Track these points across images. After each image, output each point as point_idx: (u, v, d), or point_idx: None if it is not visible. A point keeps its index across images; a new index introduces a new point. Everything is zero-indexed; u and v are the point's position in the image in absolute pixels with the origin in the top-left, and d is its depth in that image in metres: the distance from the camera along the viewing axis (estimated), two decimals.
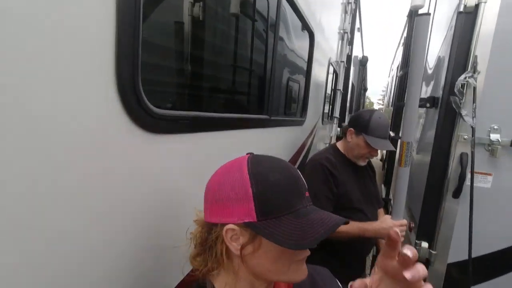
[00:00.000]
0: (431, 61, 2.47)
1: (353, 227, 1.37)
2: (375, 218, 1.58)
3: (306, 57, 2.17)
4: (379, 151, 1.61)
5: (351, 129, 1.55)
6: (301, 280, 0.58)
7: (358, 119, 1.55)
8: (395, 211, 1.38)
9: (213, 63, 1.02)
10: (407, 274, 0.43)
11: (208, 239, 0.58)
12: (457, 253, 1.70)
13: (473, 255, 1.58)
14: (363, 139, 1.50)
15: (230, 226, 0.54)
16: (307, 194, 0.58)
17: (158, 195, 0.71)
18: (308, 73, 2.21)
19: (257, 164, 0.57)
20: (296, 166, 2.18)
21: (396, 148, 2.40)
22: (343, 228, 1.34)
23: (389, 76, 10.78)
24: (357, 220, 1.40)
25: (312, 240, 0.50)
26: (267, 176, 0.55)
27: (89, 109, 0.50)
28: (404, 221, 1.37)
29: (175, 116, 0.72)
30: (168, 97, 0.79)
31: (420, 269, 0.45)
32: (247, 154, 0.61)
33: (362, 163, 1.59)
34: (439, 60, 2.17)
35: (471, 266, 1.50)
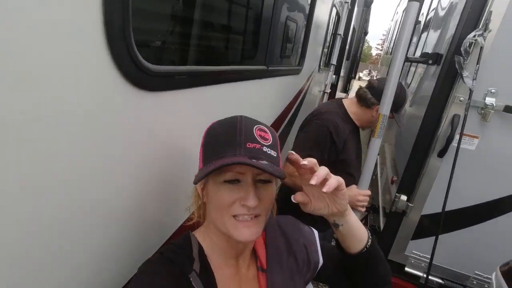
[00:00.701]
0: (442, 7, 2.31)
1: None
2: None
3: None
4: None
5: (377, 106, 1.48)
6: (243, 240, 0.60)
7: (396, 99, 1.45)
8: (362, 180, 1.43)
9: (209, 13, 0.92)
10: (312, 181, 0.54)
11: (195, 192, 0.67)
12: (431, 206, 1.84)
13: (446, 209, 1.71)
14: (390, 115, 1.48)
15: (197, 171, 0.62)
16: (250, 145, 0.57)
17: (158, 154, 0.70)
18: (309, 19, 2.04)
19: (219, 121, 0.64)
20: (292, 111, 2.14)
21: None
22: None
23: (392, 20, 10.17)
24: (347, 183, 1.46)
25: (221, 162, 0.55)
26: (213, 129, 0.62)
27: (77, 65, 0.45)
28: (368, 192, 1.44)
29: (171, 72, 0.66)
30: (162, 51, 0.72)
31: (321, 171, 0.55)
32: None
33: (367, 130, 1.60)
34: (451, 8, 2.03)
35: (443, 217, 1.63)
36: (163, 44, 0.74)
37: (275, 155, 0.60)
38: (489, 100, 1.57)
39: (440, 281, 1.92)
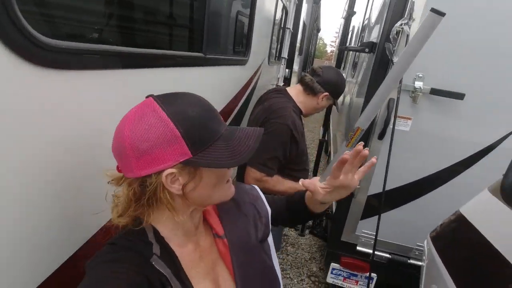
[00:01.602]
0: (377, 7, 2.47)
1: (292, 188, 1.48)
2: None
3: None
4: None
5: (327, 94, 1.59)
6: (232, 195, 0.69)
7: (339, 88, 1.63)
8: (324, 176, 1.48)
9: None
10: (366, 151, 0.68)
11: (145, 192, 0.58)
12: (375, 186, 1.95)
13: (388, 188, 1.83)
14: (332, 103, 1.63)
15: (168, 171, 0.55)
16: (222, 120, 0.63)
17: (62, 144, 0.64)
18: (252, 7, 2.05)
19: (170, 104, 0.56)
20: (240, 104, 2.13)
21: None
22: (281, 189, 1.45)
23: (342, 17, 10.70)
24: (302, 177, 1.54)
25: (246, 152, 0.59)
26: (187, 113, 0.56)
27: None
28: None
29: (77, 49, 0.61)
30: (61, 24, 0.66)
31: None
32: (146, 97, 0.59)
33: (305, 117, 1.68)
34: (384, 3, 2.17)
35: (384, 197, 1.74)
36: (65, 18, 0.68)
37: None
38: (418, 84, 1.70)
39: (388, 255, 2.05)
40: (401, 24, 1.61)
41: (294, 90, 1.67)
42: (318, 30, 10.12)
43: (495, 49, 1.58)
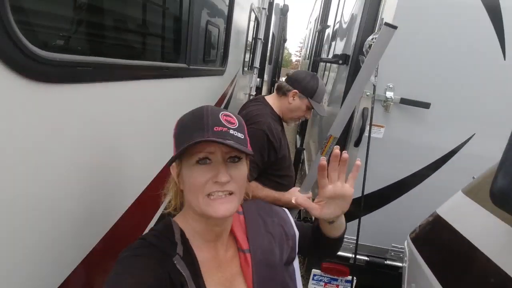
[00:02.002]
0: (346, 17, 2.61)
1: (269, 196, 1.48)
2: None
3: (226, 2, 2.00)
4: None
5: (296, 91, 1.57)
6: (218, 216, 0.63)
7: (307, 85, 1.59)
8: (305, 186, 1.52)
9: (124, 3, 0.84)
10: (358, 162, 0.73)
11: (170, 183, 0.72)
12: (354, 191, 2.02)
13: (366, 193, 1.91)
14: (307, 103, 1.57)
15: (173, 164, 0.67)
16: (217, 128, 0.62)
17: (56, 158, 0.59)
18: (229, 19, 2.07)
19: (187, 113, 0.68)
20: None
21: None
22: (259, 195, 1.45)
23: (307, 28, 11.10)
24: (287, 184, 1.53)
25: (180, 148, 0.60)
26: (182, 120, 0.67)
27: None
28: (310, 194, 1.54)
29: (70, 62, 0.57)
30: (56, 36, 0.62)
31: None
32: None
33: (291, 124, 1.67)
34: (353, 18, 2.31)
35: (363, 202, 1.81)
36: (64, 31, 0.63)
37: (243, 137, 0.65)
38: (389, 94, 1.82)
39: (366, 258, 2.13)
40: (372, 38, 1.72)
41: (271, 97, 1.70)
42: (285, 40, 10.40)
43: (457, 61, 1.73)
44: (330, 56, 3.08)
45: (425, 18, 1.71)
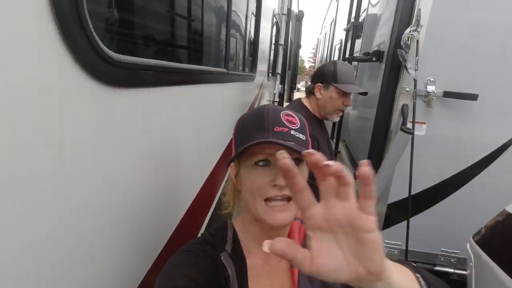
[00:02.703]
0: (370, 17, 2.54)
1: None
2: None
3: (254, 7, 2.00)
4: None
5: (319, 84, 1.51)
6: (275, 224, 0.58)
7: (323, 72, 1.51)
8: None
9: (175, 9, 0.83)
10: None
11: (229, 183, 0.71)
12: (395, 194, 1.92)
13: (407, 195, 1.80)
14: (334, 89, 1.48)
15: (232, 164, 0.65)
16: (277, 129, 0.59)
17: (125, 159, 0.57)
18: (256, 26, 2.05)
19: (247, 112, 0.67)
20: None
21: None
22: None
23: (320, 34, 11.05)
24: None
25: (240, 149, 0.58)
26: (242, 119, 0.66)
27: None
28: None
29: (136, 65, 0.55)
30: (125, 39, 0.61)
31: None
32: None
33: (336, 118, 1.59)
34: (378, 16, 2.24)
35: (411, 203, 1.70)
36: (128, 33, 0.62)
37: (304, 138, 0.61)
38: (430, 88, 1.72)
39: (413, 264, 1.99)
40: (410, 31, 1.65)
41: (305, 99, 1.67)
42: (299, 46, 10.41)
43: (504, 47, 1.62)
44: (355, 54, 3.00)
45: (466, 4, 1.62)
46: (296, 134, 0.60)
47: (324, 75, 1.50)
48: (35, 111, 0.36)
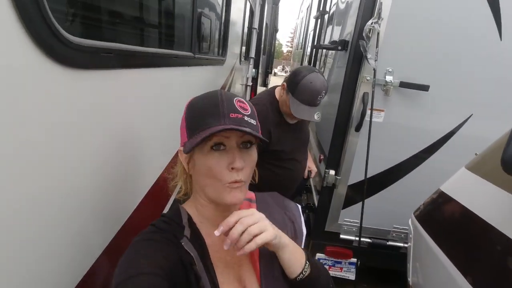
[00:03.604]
0: (342, 3, 2.61)
1: None
2: (305, 161, 1.77)
3: None
4: None
5: (284, 84, 1.50)
6: (232, 203, 0.65)
7: (293, 77, 1.46)
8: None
9: None
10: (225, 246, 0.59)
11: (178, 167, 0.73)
12: (354, 176, 2.07)
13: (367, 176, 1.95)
14: (289, 99, 1.44)
15: (180, 148, 0.67)
16: (232, 115, 0.62)
17: (89, 142, 0.61)
18: (227, 8, 2.06)
19: (198, 96, 0.67)
20: None
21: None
22: None
23: (298, 18, 11.00)
24: (290, 166, 1.52)
25: (202, 136, 0.59)
26: (195, 104, 0.66)
27: None
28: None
29: (96, 48, 0.58)
30: (83, 22, 0.63)
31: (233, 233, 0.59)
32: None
33: (290, 121, 1.58)
34: (348, 6, 2.32)
35: (366, 184, 1.85)
36: (85, 16, 0.64)
37: (255, 124, 0.66)
38: (388, 78, 1.84)
39: (368, 240, 2.19)
40: (371, 23, 1.74)
41: (278, 88, 1.69)
42: (276, 30, 10.33)
43: (454, 42, 1.76)
44: (326, 42, 3.09)
45: (422, 2, 1.73)
46: (249, 119, 0.64)
47: (291, 80, 1.46)
48: None
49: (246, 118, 0.63)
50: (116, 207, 0.79)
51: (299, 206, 0.89)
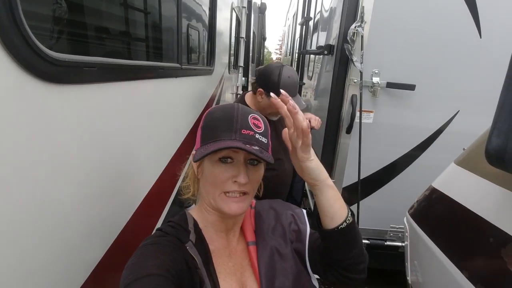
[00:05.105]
0: (326, 9, 2.66)
1: None
2: (290, 162, 1.72)
3: (209, 1, 2.01)
4: None
5: (260, 90, 1.48)
6: (231, 213, 0.66)
7: (268, 80, 1.46)
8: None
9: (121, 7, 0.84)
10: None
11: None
12: (348, 178, 2.08)
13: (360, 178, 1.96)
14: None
15: (193, 152, 0.69)
16: (244, 131, 0.64)
17: (70, 155, 0.60)
18: (212, 19, 2.08)
19: (217, 106, 0.70)
20: None
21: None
22: None
23: (285, 26, 11.18)
24: (274, 166, 1.52)
25: (210, 149, 0.61)
26: (212, 114, 0.68)
27: None
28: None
29: (78, 62, 0.58)
30: (64, 38, 0.63)
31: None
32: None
33: (275, 118, 1.60)
34: (332, 12, 2.36)
35: (360, 186, 1.86)
36: (66, 32, 0.64)
37: (266, 142, 0.67)
38: (375, 79, 1.88)
39: (366, 241, 2.19)
40: (355, 27, 1.78)
41: (250, 96, 1.65)
42: (264, 38, 10.46)
43: (436, 42, 1.80)
44: (313, 48, 3.13)
45: (403, 4, 1.77)
46: (260, 138, 0.65)
47: (267, 84, 1.46)
48: None
49: (257, 136, 0.65)
50: (99, 228, 0.78)
51: (304, 210, 0.89)
